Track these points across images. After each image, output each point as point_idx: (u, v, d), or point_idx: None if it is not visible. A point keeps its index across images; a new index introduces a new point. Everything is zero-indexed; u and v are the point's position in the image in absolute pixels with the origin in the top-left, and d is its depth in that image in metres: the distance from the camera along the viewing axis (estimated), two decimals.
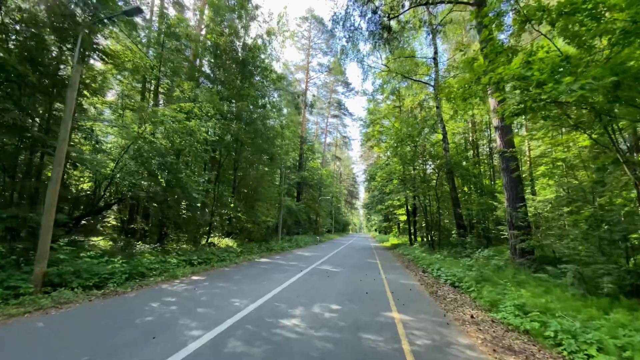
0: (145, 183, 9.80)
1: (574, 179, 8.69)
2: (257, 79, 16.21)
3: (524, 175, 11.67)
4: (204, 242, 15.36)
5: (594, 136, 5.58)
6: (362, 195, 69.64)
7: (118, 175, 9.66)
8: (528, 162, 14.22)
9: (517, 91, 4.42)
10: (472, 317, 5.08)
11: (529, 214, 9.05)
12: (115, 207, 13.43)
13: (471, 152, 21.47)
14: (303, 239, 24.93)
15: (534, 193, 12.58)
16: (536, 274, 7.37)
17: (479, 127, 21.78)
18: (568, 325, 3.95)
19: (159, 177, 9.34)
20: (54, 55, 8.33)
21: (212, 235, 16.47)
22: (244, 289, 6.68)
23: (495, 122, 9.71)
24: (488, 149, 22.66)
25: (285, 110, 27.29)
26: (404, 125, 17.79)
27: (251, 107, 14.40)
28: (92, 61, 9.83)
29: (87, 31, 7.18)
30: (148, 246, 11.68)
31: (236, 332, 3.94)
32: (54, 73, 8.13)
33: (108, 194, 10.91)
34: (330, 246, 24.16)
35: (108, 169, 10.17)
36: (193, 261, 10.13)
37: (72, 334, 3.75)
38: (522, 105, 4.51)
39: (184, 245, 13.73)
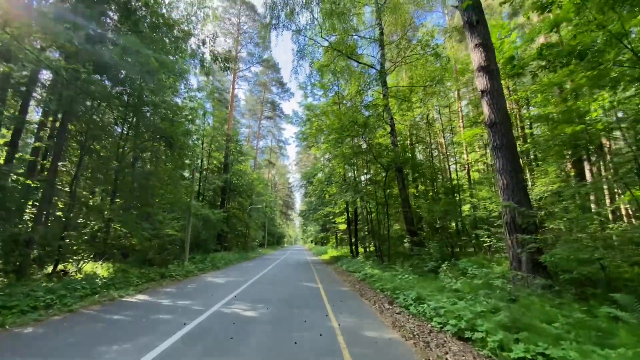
0: None
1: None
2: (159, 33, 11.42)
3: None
4: (47, 271, 9.54)
5: None
6: (298, 205, 65.85)
7: None
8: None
9: None
10: None
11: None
12: None
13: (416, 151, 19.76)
14: (224, 257, 19.68)
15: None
16: (583, 304, 4.45)
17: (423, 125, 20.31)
18: None
19: None
20: None
21: (72, 259, 10.49)
22: None
23: (481, 84, 6.99)
24: (431, 148, 21.36)
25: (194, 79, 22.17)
26: (347, 116, 14.80)
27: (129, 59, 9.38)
28: None
29: None
30: None
31: None
32: None
33: None
34: (259, 264, 19.47)
35: None
36: None
37: None
38: None
39: None
